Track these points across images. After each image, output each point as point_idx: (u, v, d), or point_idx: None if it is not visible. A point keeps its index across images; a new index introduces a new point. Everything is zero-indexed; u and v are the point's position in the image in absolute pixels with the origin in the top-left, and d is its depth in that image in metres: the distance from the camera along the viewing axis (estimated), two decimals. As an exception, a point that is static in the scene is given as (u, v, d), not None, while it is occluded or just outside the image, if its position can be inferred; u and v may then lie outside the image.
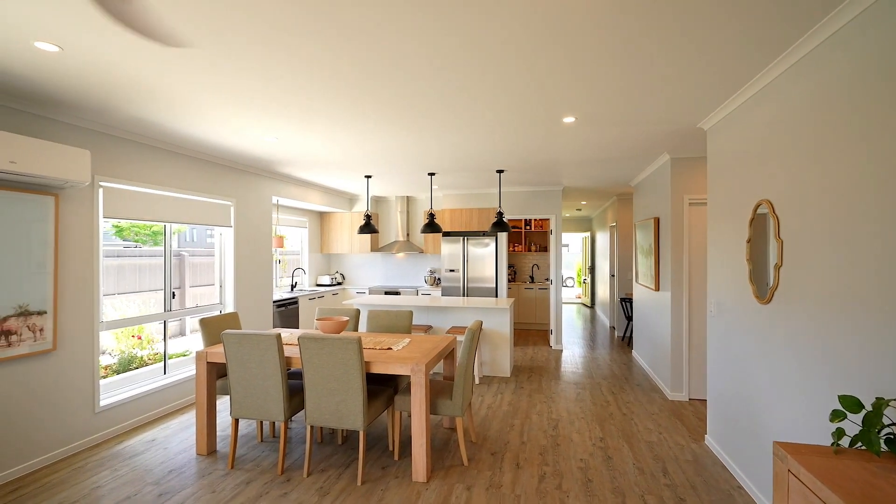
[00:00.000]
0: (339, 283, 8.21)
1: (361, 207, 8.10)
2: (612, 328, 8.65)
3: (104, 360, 4.24)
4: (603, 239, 10.04)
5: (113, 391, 3.75)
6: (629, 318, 7.10)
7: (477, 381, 5.04)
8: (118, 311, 4.40)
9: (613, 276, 8.81)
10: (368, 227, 5.83)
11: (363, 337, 3.69)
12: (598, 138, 3.91)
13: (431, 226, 5.70)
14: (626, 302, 7.09)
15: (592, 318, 10.03)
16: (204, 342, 3.59)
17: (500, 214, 5.47)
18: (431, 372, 5.37)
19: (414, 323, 5.54)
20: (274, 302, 5.84)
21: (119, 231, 4.75)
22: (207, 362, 3.28)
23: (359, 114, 3.22)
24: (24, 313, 2.99)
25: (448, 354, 3.70)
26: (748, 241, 2.76)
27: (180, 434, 3.64)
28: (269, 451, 3.33)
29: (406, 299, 5.72)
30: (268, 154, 4.55)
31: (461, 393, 3.06)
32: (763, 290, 2.59)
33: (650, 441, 3.49)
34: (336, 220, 8.04)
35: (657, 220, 4.97)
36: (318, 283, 7.93)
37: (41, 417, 3.10)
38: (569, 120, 3.37)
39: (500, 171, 5.51)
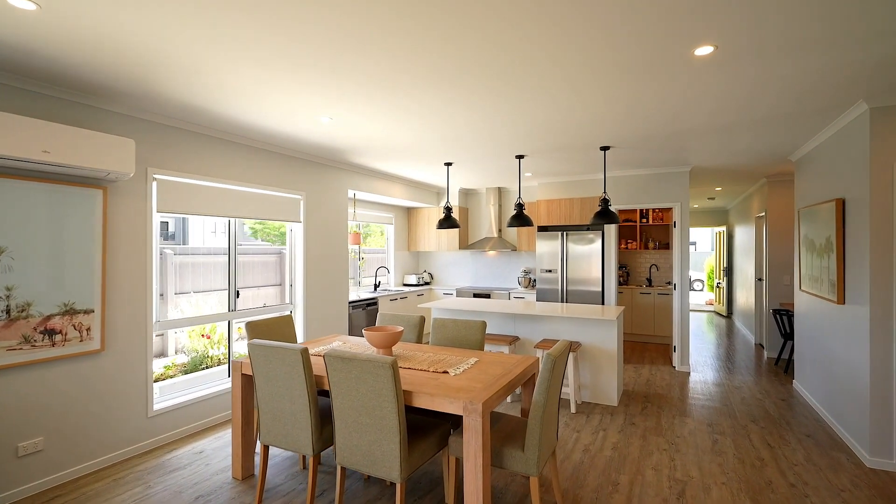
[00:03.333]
0: (427, 283, 7.71)
1: (451, 201, 7.47)
2: (759, 346, 6.83)
3: (179, 359, 4.21)
4: (745, 234, 8.09)
5: (172, 394, 3.60)
6: (786, 336, 5.40)
7: (573, 410, 4.05)
8: (198, 308, 4.33)
9: (761, 280, 6.97)
10: (448, 220, 5.15)
11: (420, 353, 3.00)
12: (747, 81, 2.70)
13: (520, 217, 4.82)
14: (783, 315, 5.40)
15: (729, 332, 8.15)
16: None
17: (605, 202, 4.38)
18: (507, 399, 4.49)
19: (499, 332, 4.73)
20: (350, 302, 5.49)
21: (255, 232, 4.87)
22: (242, 374, 2.88)
23: (418, 84, 2.53)
24: (70, 312, 2.86)
25: (528, 380, 2.83)
26: None
27: (228, 448, 3.33)
28: (308, 483, 2.81)
29: (493, 304, 4.93)
30: (331, 140, 4.12)
31: (536, 444, 2.19)
32: None
33: (845, 543, 2.24)
34: (422, 215, 7.55)
35: (841, 203, 3.47)
36: (405, 282, 7.52)
37: (90, 422, 2.96)
38: (703, 51, 2.27)
39: (604, 149, 4.42)
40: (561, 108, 3.16)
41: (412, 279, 7.43)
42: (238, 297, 4.11)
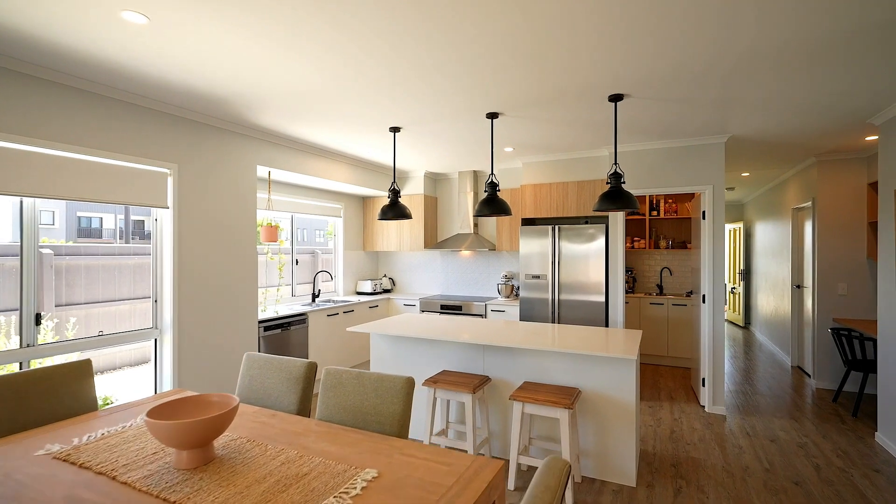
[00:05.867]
0: (387, 291, 6.23)
1: (416, 188, 5.96)
2: (800, 370, 5.44)
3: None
4: (771, 230, 6.72)
5: None
6: (852, 366, 4.00)
7: (570, 501, 2.59)
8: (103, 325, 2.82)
9: (800, 287, 5.60)
10: (394, 208, 3.68)
11: (270, 452, 1.51)
12: None
13: (493, 203, 3.36)
14: (847, 336, 4.00)
15: (749, 347, 6.78)
16: (-33, 434, 1.71)
17: (616, 177, 2.94)
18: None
19: (461, 369, 3.27)
20: (262, 322, 3.98)
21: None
22: None
23: None
24: None
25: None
26: None
27: None
28: None
29: (457, 325, 3.48)
30: (189, 74, 2.62)
31: None
32: None
33: None
34: (380, 206, 6.06)
35: None
36: (359, 290, 6.03)
37: None
38: None
39: (615, 99, 2.97)
40: (547, 19, 1.69)
41: (367, 286, 5.93)
42: (39, 323, 2.59)
